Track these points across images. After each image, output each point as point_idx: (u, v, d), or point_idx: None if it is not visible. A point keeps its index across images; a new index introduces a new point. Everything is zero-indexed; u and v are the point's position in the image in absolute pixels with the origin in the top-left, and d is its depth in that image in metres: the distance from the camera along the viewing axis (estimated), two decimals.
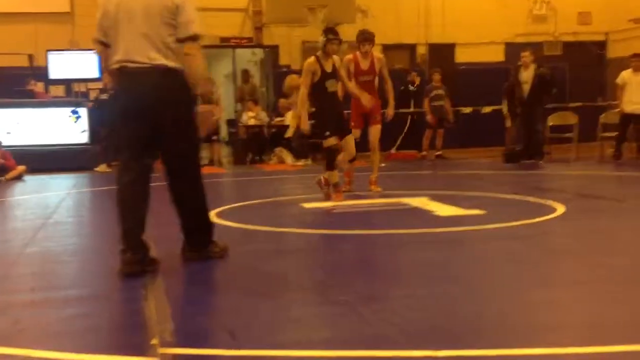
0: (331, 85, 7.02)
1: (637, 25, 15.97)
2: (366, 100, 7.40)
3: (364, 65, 7.75)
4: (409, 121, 14.61)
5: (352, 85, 7.52)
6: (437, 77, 13.71)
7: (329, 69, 6.99)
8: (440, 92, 13.58)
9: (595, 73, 17.02)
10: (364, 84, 7.76)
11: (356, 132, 7.76)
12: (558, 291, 3.57)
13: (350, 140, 7.14)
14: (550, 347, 2.67)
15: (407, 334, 2.88)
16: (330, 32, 7.02)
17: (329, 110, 6.92)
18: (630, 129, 11.42)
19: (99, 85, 14.24)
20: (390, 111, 7.98)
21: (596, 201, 7.12)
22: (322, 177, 7.21)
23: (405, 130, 14.48)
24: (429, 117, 13.44)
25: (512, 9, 16.76)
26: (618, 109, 11.55)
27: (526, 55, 11.62)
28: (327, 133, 6.90)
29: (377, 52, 7.96)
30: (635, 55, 11.37)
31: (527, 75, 11.56)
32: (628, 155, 11.71)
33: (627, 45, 16.20)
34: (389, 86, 7.98)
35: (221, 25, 15.62)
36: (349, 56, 7.86)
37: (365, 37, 7.77)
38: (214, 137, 13.89)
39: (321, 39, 6.98)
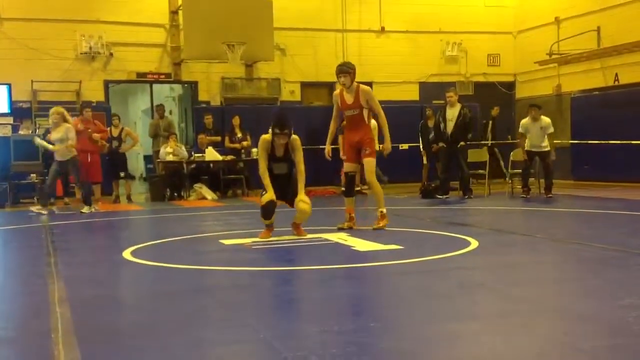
0: (277, 168, 6.98)
1: (543, 67, 16.82)
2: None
3: (349, 99, 7.56)
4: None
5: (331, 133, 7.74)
6: None
7: (279, 153, 6.95)
8: None
9: (504, 112, 17.76)
10: (350, 119, 7.62)
11: (348, 166, 7.74)
12: (472, 324, 3.64)
13: (299, 204, 6.93)
14: None
15: None
16: (277, 126, 6.84)
17: (274, 184, 6.90)
18: (537, 166, 11.94)
19: (8, 120, 13.78)
20: (387, 145, 7.82)
21: (507, 235, 7.35)
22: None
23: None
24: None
25: (426, 50, 17.36)
26: (523, 152, 12.10)
27: (451, 95, 12.07)
28: (263, 192, 6.92)
29: (364, 86, 7.70)
30: (532, 106, 11.96)
31: (452, 113, 11.98)
32: (536, 190, 12.20)
33: (533, 86, 17.06)
34: (381, 119, 7.72)
35: (139, 60, 15.46)
36: (336, 91, 7.72)
37: (340, 70, 7.54)
38: (122, 174, 13.59)
39: (269, 131, 6.87)
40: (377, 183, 7.76)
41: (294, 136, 6.97)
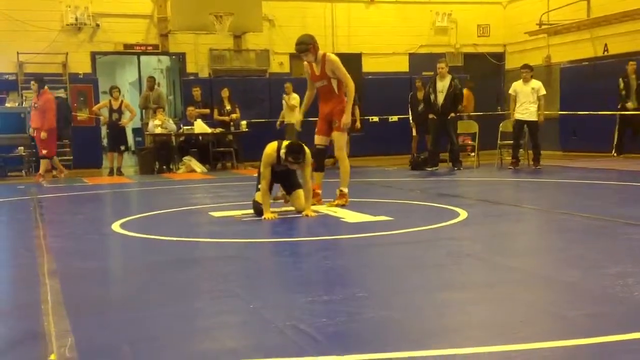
0: (278, 169, 6.67)
1: (532, 38, 16.77)
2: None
3: (317, 70, 7.19)
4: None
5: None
6: None
7: (283, 167, 6.62)
8: None
9: (494, 83, 17.73)
10: (320, 90, 7.28)
11: (318, 138, 7.36)
12: (460, 293, 3.67)
13: (299, 194, 6.72)
14: (454, 348, 2.75)
15: (313, 340, 2.89)
16: (293, 152, 6.42)
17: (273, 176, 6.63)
18: (526, 136, 11.97)
19: None
20: (344, 118, 7.19)
21: (496, 206, 7.40)
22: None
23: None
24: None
25: (415, 21, 17.25)
26: (512, 118, 12.10)
27: (442, 67, 12.01)
28: (259, 186, 6.60)
29: (330, 54, 7.24)
30: (525, 67, 11.96)
31: (442, 85, 11.94)
32: (525, 162, 12.25)
33: (523, 57, 16.99)
34: (347, 89, 7.16)
35: (125, 32, 15.29)
36: (305, 62, 7.28)
37: (299, 50, 7.11)
38: (123, 147, 13.58)
39: (282, 151, 6.45)
40: (346, 159, 7.38)
41: (306, 149, 6.60)
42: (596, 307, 3.32)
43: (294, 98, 13.86)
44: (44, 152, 12.21)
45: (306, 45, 7.09)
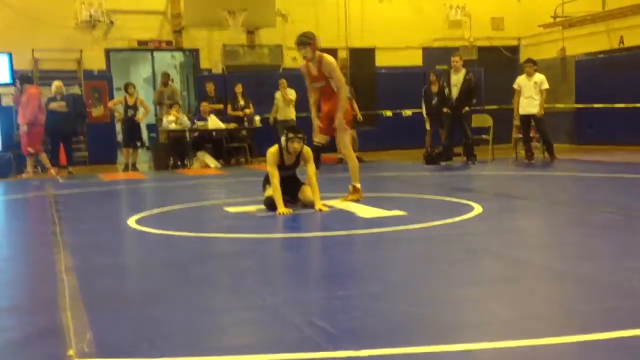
0: (285, 173, 6.72)
1: (547, 31, 16.65)
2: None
3: (313, 70, 7.13)
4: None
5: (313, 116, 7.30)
6: None
7: (289, 162, 6.73)
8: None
9: (508, 77, 17.61)
10: (319, 90, 7.25)
11: (318, 136, 7.31)
12: (476, 289, 3.66)
13: (305, 189, 6.78)
14: (470, 343, 2.74)
15: (329, 335, 2.89)
16: (291, 130, 6.66)
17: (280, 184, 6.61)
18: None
19: (10, 90, 13.75)
20: (336, 121, 7.15)
21: (511, 200, 7.36)
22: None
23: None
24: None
25: (429, 14, 17.17)
26: (515, 113, 12.06)
27: (457, 60, 11.99)
28: (267, 186, 6.72)
29: (330, 57, 7.17)
30: (528, 61, 11.93)
31: (456, 79, 11.92)
32: (539, 155, 12.18)
33: (538, 50, 16.90)
34: (340, 95, 7.12)
35: (139, 28, 15.33)
36: (303, 63, 7.25)
37: (299, 41, 7.06)
38: (138, 143, 13.65)
39: (283, 138, 6.64)
40: (352, 155, 7.35)
41: (306, 147, 6.75)
42: (613, 301, 3.30)
43: (291, 93, 13.85)
44: (29, 149, 12.25)
45: (307, 39, 7.03)
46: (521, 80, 11.79)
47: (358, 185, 7.29)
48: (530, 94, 11.58)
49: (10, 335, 3.13)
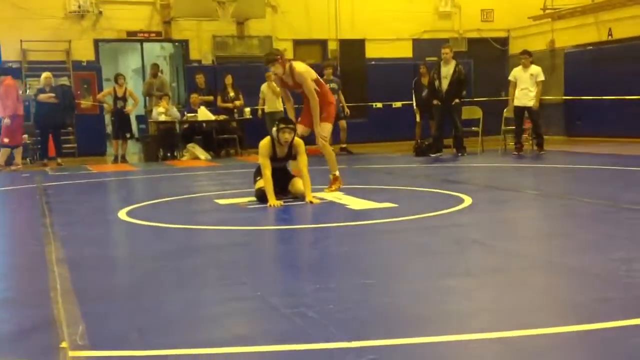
0: (276, 165, 6.75)
1: (536, 23, 16.69)
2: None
3: (288, 80, 7.23)
4: None
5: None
6: (329, 70, 13.67)
7: (281, 154, 6.75)
8: (334, 85, 13.53)
9: (498, 68, 17.67)
10: (302, 94, 7.31)
11: (299, 127, 7.22)
12: (466, 280, 3.69)
13: (296, 181, 6.85)
14: (461, 334, 2.77)
15: (321, 326, 2.92)
16: (282, 121, 6.73)
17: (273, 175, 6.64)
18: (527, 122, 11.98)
19: None
20: (317, 129, 7.27)
21: (501, 192, 7.40)
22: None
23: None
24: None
25: (419, 6, 17.16)
26: (510, 105, 12.11)
27: (447, 52, 12.00)
28: (258, 178, 6.76)
29: (300, 66, 7.23)
30: (524, 53, 11.98)
31: (446, 71, 11.94)
32: (528, 147, 12.24)
33: (527, 42, 16.93)
34: (312, 103, 7.19)
35: (128, 19, 15.24)
36: (272, 78, 7.18)
37: (266, 61, 7.26)
38: (128, 135, 13.60)
39: (274, 129, 6.68)
40: (328, 147, 7.42)
41: (298, 139, 6.81)
42: (602, 292, 3.34)
43: None
44: (6, 140, 12.14)
45: (274, 56, 7.16)
46: (517, 72, 11.83)
47: (337, 174, 7.38)
48: (526, 86, 11.63)
49: (3, 328, 3.14)
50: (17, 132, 12.33)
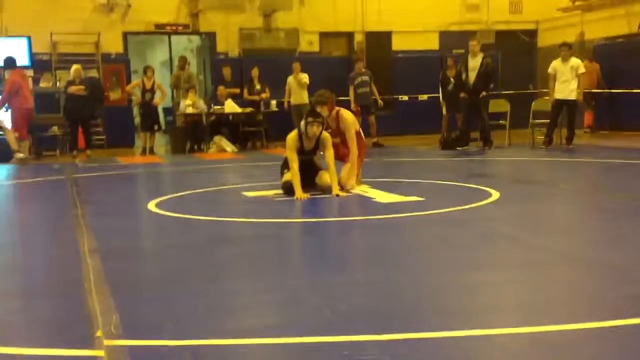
0: (305, 157, 6.76)
1: (566, 14, 16.48)
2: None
3: (332, 124, 7.17)
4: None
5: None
6: (360, 64, 13.69)
7: (308, 146, 6.78)
8: (365, 78, 13.51)
9: (526, 61, 17.50)
10: (335, 145, 7.09)
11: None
12: (494, 274, 3.70)
13: (323, 174, 6.85)
14: (488, 328, 2.78)
15: (351, 319, 2.94)
16: (311, 114, 6.73)
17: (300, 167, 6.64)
18: (562, 115, 11.85)
19: (29, 73, 13.83)
20: (351, 180, 6.99)
21: (529, 186, 7.36)
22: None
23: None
24: (353, 106, 12.98)
25: None
26: (548, 97, 11.97)
27: (474, 45, 11.92)
28: (285, 171, 6.79)
29: (347, 114, 7.19)
30: (564, 45, 11.81)
31: (474, 64, 11.86)
32: (557, 140, 12.12)
33: (556, 34, 16.73)
34: (351, 154, 7.06)
35: (156, 12, 15.35)
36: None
37: (315, 100, 7.25)
38: (156, 127, 13.72)
39: (302, 122, 6.74)
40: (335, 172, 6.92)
41: (326, 133, 6.82)
42: (632, 287, 3.32)
43: (305, 76, 13.83)
44: (16, 134, 12.12)
45: (325, 99, 7.13)
46: (557, 65, 11.68)
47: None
48: (566, 78, 11.50)
49: (39, 318, 3.21)
50: (23, 126, 12.37)
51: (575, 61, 11.56)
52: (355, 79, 13.48)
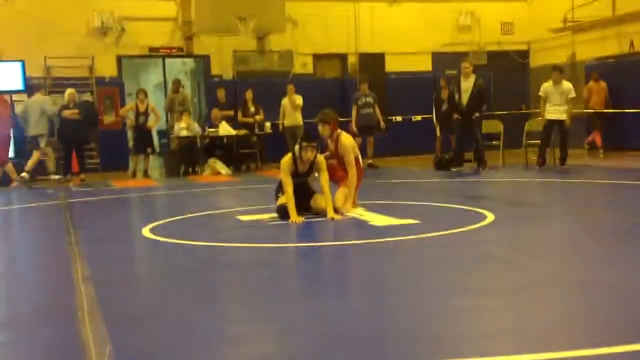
0: (299, 180, 6.79)
1: (557, 35, 16.62)
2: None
3: (331, 146, 7.26)
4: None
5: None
6: (364, 85, 13.77)
7: (302, 169, 6.80)
8: (369, 99, 13.61)
9: (518, 81, 17.61)
10: (329, 167, 7.09)
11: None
12: (489, 299, 3.68)
13: (317, 197, 6.88)
14: (482, 356, 2.75)
15: (345, 345, 2.92)
16: (305, 139, 6.77)
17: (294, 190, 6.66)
18: (554, 135, 11.88)
19: (23, 97, 13.85)
20: (346, 205, 6.99)
21: (524, 208, 7.36)
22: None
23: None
24: (352, 126, 13.10)
25: (438, 19, 17.17)
26: (540, 118, 12.01)
27: (466, 66, 11.96)
28: (279, 194, 6.81)
29: (348, 139, 7.22)
30: (556, 68, 11.87)
31: (467, 85, 11.90)
32: (550, 161, 12.16)
33: (548, 54, 16.89)
34: (349, 179, 7.07)
35: (150, 35, 15.42)
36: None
37: (318, 119, 7.27)
38: (149, 150, 13.71)
39: (296, 146, 6.75)
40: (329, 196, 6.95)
41: (320, 156, 6.87)
42: (630, 311, 3.31)
43: (299, 98, 13.89)
44: None
45: (328, 118, 7.20)
46: (547, 88, 11.70)
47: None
48: (557, 102, 11.50)
49: (33, 347, 3.18)
50: (3, 149, 12.44)
51: (566, 85, 11.60)
52: (359, 99, 13.55)
